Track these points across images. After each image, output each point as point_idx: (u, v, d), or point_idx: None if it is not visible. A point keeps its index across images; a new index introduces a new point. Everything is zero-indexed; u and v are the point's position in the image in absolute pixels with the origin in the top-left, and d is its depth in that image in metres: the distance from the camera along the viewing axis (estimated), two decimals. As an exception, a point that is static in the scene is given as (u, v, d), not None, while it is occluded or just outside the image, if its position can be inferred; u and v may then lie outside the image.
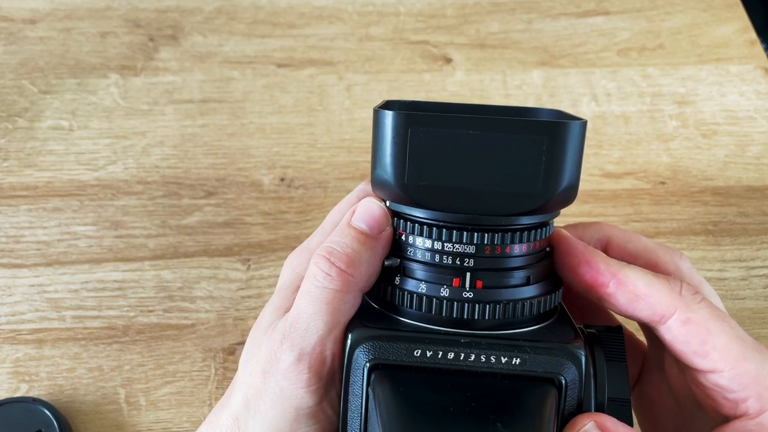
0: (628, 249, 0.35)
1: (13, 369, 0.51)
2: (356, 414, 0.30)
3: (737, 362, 0.31)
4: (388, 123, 0.29)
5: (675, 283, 0.32)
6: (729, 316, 0.32)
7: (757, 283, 0.56)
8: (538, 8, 0.72)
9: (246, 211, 0.58)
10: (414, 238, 0.31)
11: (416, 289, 0.31)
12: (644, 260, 0.35)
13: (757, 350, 0.31)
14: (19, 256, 0.56)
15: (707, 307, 0.32)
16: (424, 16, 0.71)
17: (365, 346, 0.30)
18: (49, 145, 0.62)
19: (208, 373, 0.51)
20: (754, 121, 0.64)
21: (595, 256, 0.33)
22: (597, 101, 0.65)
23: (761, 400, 0.31)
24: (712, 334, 0.31)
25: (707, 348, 0.31)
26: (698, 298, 0.32)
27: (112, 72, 0.66)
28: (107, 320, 0.53)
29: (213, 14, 0.71)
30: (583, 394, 0.30)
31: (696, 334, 0.32)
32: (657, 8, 0.72)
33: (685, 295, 0.32)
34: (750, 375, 0.31)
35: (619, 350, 0.33)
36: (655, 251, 0.35)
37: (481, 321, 0.30)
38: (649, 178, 0.61)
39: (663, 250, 0.35)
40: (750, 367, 0.31)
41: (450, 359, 0.30)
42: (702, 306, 0.32)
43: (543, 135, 0.29)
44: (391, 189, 0.30)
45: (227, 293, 0.54)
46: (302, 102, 0.65)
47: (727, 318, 0.32)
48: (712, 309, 0.32)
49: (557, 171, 0.29)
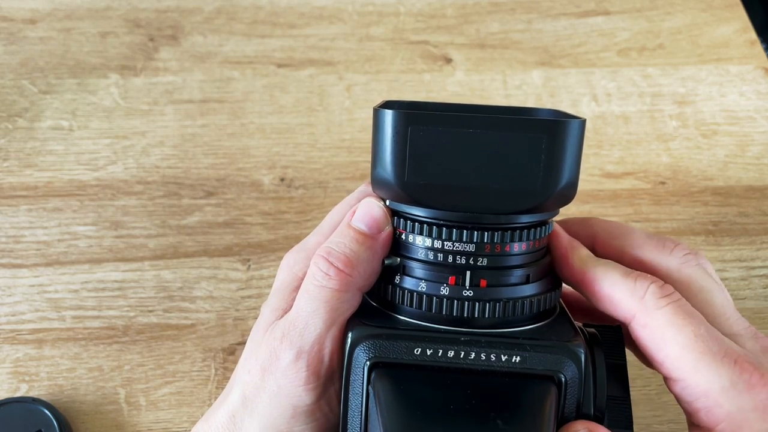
0: (614, 246, 0.35)
1: (13, 369, 0.51)
2: (356, 412, 0.30)
3: (687, 374, 0.30)
4: (388, 122, 0.30)
5: (641, 285, 0.31)
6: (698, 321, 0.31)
7: (757, 283, 0.56)
8: (538, 8, 0.72)
9: (246, 211, 0.58)
10: (414, 236, 0.31)
11: (416, 287, 0.31)
12: (629, 258, 0.34)
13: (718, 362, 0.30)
14: (19, 256, 0.56)
15: (669, 312, 0.31)
16: (424, 16, 0.71)
17: (365, 345, 0.30)
18: (49, 145, 0.62)
19: (208, 373, 0.51)
20: (754, 121, 0.64)
21: (573, 252, 0.33)
22: (597, 101, 0.65)
23: (710, 415, 0.30)
24: (667, 343, 0.31)
25: (662, 356, 0.31)
26: (663, 302, 0.31)
27: (112, 72, 0.66)
28: (107, 320, 0.53)
29: (213, 14, 0.71)
30: (583, 392, 0.30)
31: (652, 341, 0.31)
32: (657, 8, 0.72)
33: (648, 299, 0.31)
34: (700, 389, 0.30)
35: (618, 349, 0.33)
36: (642, 248, 0.34)
37: (481, 319, 0.30)
38: (649, 178, 0.61)
39: (651, 245, 0.34)
40: (700, 381, 0.30)
41: (450, 357, 0.30)
42: (663, 312, 0.31)
43: (542, 133, 0.29)
44: (391, 188, 0.30)
45: (227, 293, 0.54)
46: (302, 102, 0.65)
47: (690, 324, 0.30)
48: (674, 315, 0.31)
49: (556, 169, 0.29)
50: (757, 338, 0.32)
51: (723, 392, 0.30)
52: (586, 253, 0.34)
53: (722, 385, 0.30)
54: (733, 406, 0.30)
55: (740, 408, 0.30)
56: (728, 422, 0.30)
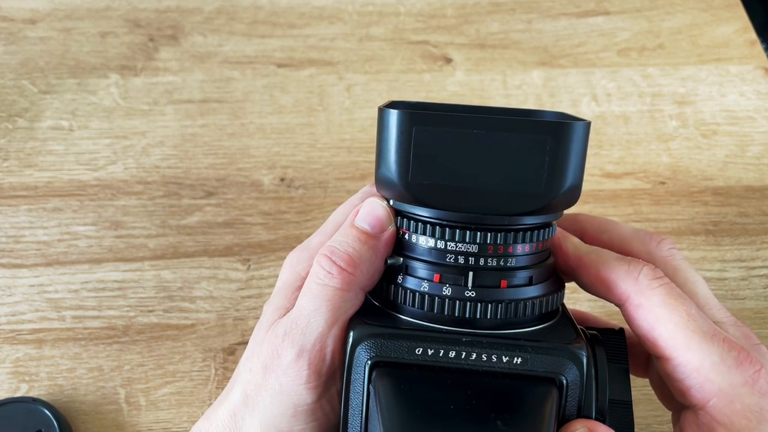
0: (602, 239, 0.36)
1: (13, 369, 0.51)
2: (357, 411, 0.30)
3: (680, 352, 0.31)
4: (393, 121, 0.30)
5: (635, 267, 0.33)
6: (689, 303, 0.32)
7: (757, 283, 0.56)
8: (538, 8, 0.72)
9: (246, 211, 0.58)
10: (417, 236, 0.31)
11: (418, 287, 0.31)
12: (618, 250, 0.35)
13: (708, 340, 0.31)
14: (19, 256, 0.56)
15: (662, 293, 0.32)
16: (424, 16, 0.71)
17: (367, 344, 0.30)
18: (49, 145, 0.62)
19: (208, 373, 0.51)
20: (754, 121, 0.64)
21: (565, 240, 0.35)
22: (597, 101, 0.65)
23: (702, 391, 0.31)
24: (660, 322, 0.32)
25: (655, 335, 0.32)
26: (656, 284, 0.32)
27: (112, 72, 0.66)
28: (107, 320, 0.53)
29: (213, 14, 0.71)
30: (584, 395, 0.30)
31: (645, 320, 0.32)
32: (657, 8, 0.73)
33: (642, 280, 0.32)
34: (692, 365, 0.31)
35: (621, 352, 0.33)
36: (629, 240, 0.36)
37: (483, 320, 0.30)
38: (649, 178, 0.61)
39: (638, 237, 0.36)
40: (692, 357, 0.31)
41: (451, 358, 0.30)
42: (657, 292, 0.32)
43: (547, 135, 0.29)
44: (395, 187, 0.30)
45: (227, 293, 0.54)
46: (302, 102, 0.65)
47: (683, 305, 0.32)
48: (666, 296, 0.32)
49: (561, 171, 0.29)
50: (738, 326, 0.34)
51: (713, 368, 0.31)
52: (578, 241, 0.35)
53: (713, 361, 0.31)
54: (723, 381, 0.31)
55: (731, 383, 0.31)
56: (720, 397, 0.31)
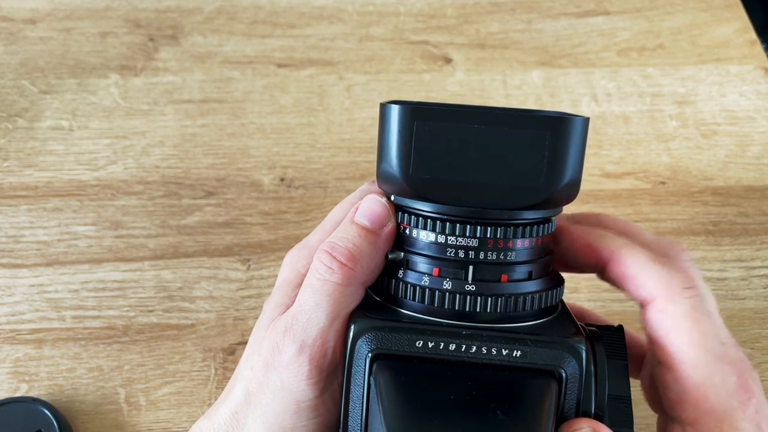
0: None
1: (13, 369, 0.51)
2: (358, 404, 0.30)
3: (686, 366, 0.31)
4: (395, 116, 0.30)
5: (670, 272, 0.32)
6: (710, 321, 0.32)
7: (757, 283, 0.56)
8: (538, 8, 0.72)
9: (246, 211, 0.58)
10: (418, 231, 0.32)
11: (419, 281, 0.31)
12: None
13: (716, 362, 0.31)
14: (19, 256, 0.56)
15: (690, 305, 0.32)
16: (424, 16, 0.71)
17: (367, 337, 0.30)
18: (49, 145, 0.62)
19: (208, 373, 0.51)
20: (754, 121, 0.64)
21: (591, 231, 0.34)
22: (597, 101, 0.65)
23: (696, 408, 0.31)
24: (678, 331, 0.32)
25: (667, 342, 0.32)
26: (688, 293, 0.32)
27: (112, 72, 0.66)
28: (107, 320, 0.53)
29: (213, 14, 0.71)
30: (584, 388, 0.30)
31: (663, 325, 0.32)
32: (657, 8, 0.73)
33: (674, 287, 0.32)
34: (693, 381, 0.31)
35: (620, 348, 0.33)
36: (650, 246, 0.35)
37: (483, 314, 0.31)
38: (649, 178, 0.61)
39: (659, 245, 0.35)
40: (697, 374, 0.31)
41: (451, 350, 0.30)
42: (685, 303, 0.32)
43: (546, 130, 0.29)
44: (396, 182, 0.31)
45: (227, 293, 0.54)
46: (302, 102, 0.65)
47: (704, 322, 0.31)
48: (693, 309, 0.32)
49: (560, 166, 0.30)
50: (737, 348, 0.34)
51: (714, 389, 0.31)
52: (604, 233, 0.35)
53: (714, 383, 0.31)
54: (719, 403, 0.31)
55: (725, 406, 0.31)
56: (712, 417, 0.31)
